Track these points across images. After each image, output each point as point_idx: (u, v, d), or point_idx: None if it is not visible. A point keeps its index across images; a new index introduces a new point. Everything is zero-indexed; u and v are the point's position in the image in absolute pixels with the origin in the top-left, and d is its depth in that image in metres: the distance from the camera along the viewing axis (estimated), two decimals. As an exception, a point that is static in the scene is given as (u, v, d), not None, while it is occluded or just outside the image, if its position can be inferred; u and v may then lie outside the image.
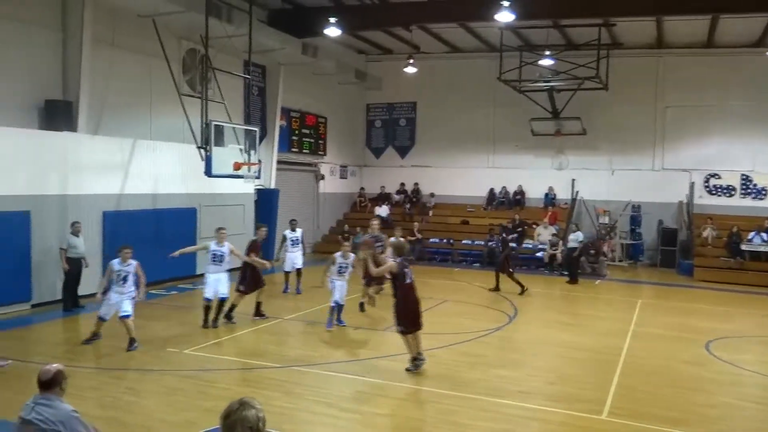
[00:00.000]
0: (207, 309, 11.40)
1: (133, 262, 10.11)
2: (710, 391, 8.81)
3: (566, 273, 18.87)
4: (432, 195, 25.23)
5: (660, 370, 9.61)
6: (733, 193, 22.05)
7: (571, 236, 18.63)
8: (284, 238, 15.23)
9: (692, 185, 22.12)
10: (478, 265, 21.39)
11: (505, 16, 15.64)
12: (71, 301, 12.65)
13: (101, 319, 10.06)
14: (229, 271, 11.83)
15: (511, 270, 16.24)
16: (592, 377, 9.20)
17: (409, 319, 9.12)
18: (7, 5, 12.80)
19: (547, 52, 20.88)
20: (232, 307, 11.71)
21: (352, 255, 11.75)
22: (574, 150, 23.54)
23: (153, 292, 14.35)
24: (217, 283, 11.40)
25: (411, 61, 21.62)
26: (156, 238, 14.77)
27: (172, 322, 11.81)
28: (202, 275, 15.88)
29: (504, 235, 17.21)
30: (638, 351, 10.72)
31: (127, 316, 9.96)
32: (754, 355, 10.85)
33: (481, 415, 7.56)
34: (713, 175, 22.20)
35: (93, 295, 13.35)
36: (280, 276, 15.67)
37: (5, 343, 9.94)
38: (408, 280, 9.17)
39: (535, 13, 17.56)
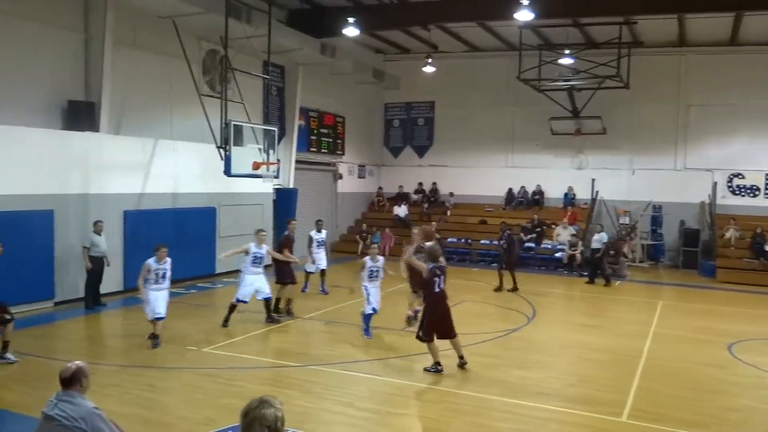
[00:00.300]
0: (233, 309, 11.42)
1: (169, 260, 10.37)
2: (732, 394, 8.67)
3: (585, 274, 18.67)
4: (451, 194, 25.16)
5: (681, 373, 9.49)
6: (757, 193, 21.69)
7: (596, 237, 18.39)
8: (311, 239, 15.21)
9: (715, 185, 21.80)
10: (496, 265, 21.24)
11: (524, 15, 15.54)
12: (93, 299, 12.83)
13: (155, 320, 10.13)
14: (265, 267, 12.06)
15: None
16: (612, 379, 9.11)
17: (432, 328, 9.04)
18: (31, 8, 13.03)
19: (567, 51, 20.72)
20: (289, 301, 12.12)
21: (381, 258, 11.40)
22: (594, 149, 23.32)
23: (172, 290, 14.40)
24: (257, 284, 11.50)
25: (429, 60, 21.57)
26: (176, 237, 14.85)
27: (191, 321, 11.91)
28: (220, 274, 16.21)
29: (509, 232, 17.02)
30: (659, 353, 10.59)
31: (161, 318, 10.11)
32: (778, 358, 10.67)
33: (499, 415, 7.53)
34: (737, 175, 21.86)
35: (114, 293, 13.63)
36: (300, 276, 15.68)
37: (29, 341, 10.11)
38: (437, 289, 9.07)
39: (555, 12, 17.42)
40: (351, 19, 17.46)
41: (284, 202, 20.06)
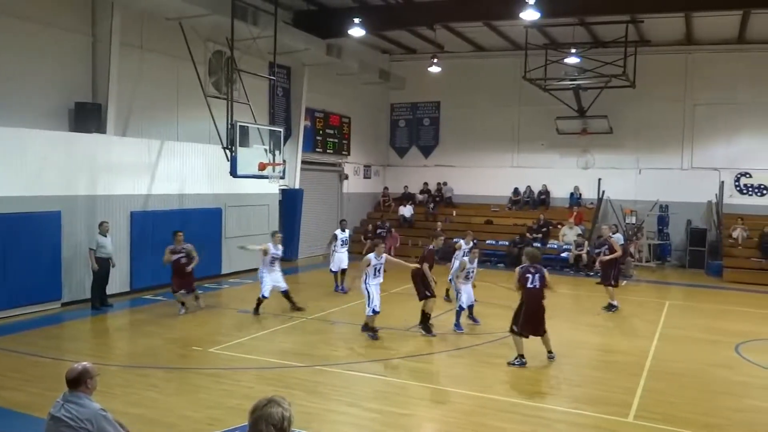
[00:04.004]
0: (261, 302, 12.45)
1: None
2: (740, 395, 8.63)
3: (592, 274, 18.58)
4: (445, 184, 25.41)
5: (688, 373, 9.45)
6: (764, 192, 21.56)
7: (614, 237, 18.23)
8: (335, 237, 15.44)
9: (722, 184, 21.68)
10: (502, 265, 21.25)
11: (530, 15, 15.51)
12: (100, 300, 12.89)
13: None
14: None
15: None
16: (618, 379, 9.07)
17: (528, 324, 9.52)
18: (38, 10, 13.11)
19: (573, 50, 20.66)
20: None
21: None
22: (600, 149, 23.25)
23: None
24: (275, 281, 12.61)
25: (435, 60, 21.56)
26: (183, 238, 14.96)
27: (197, 321, 11.97)
28: (226, 275, 16.31)
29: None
30: (666, 353, 10.55)
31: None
32: (786, 359, 10.60)
33: (505, 416, 7.52)
34: (744, 174, 21.74)
35: (121, 294, 13.69)
36: (310, 276, 15.73)
37: (36, 341, 10.18)
38: (530, 285, 9.51)
39: (561, 11, 17.36)
40: (357, 20, 17.48)
41: (290, 202, 20.12)
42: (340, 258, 15.28)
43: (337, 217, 23.53)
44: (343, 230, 15.58)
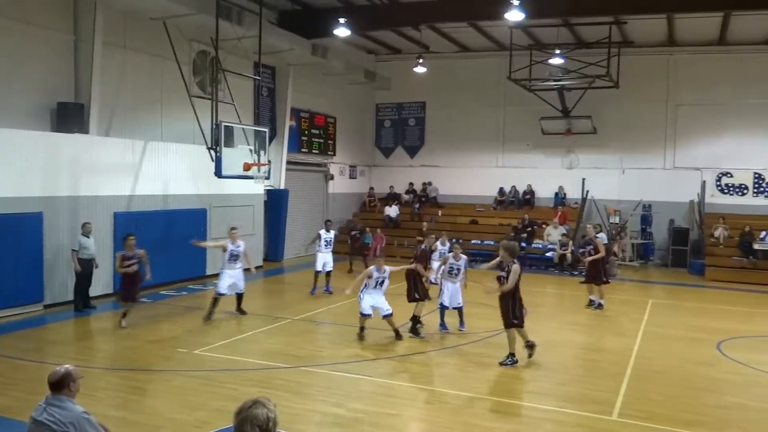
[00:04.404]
0: (216, 301, 12.02)
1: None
2: (722, 392, 8.74)
3: (577, 273, 18.71)
4: (430, 184, 25.46)
5: (671, 371, 9.56)
6: (745, 191, 21.85)
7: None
8: (318, 237, 15.36)
9: (704, 184, 21.94)
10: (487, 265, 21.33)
11: (515, 15, 15.59)
12: (82, 301, 12.77)
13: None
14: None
15: None
16: (602, 378, 9.15)
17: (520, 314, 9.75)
18: (20, 9, 12.95)
19: (558, 51, 20.78)
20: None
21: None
22: (584, 149, 23.43)
23: (163, 292, 14.49)
24: (234, 279, 12.18)
25: (420, 60, 21.59)
26: (166, 238, 14.87)
27: (182, 323, 11.90)
28: (211, 276, 16.17)
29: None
30: (649, 351, 10.66)
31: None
32: (766, 355, 10.75)
33: (491, 415, 7.56)
34: (725, 174, 22.02)
35: (104, 296, 13.56)
36: (296, 276, 15.69)
37: (18, 344, 10.06)
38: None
39: (546, 12, 17.46)
40: (342, 20, 17.45)
41: (275, 203, 20.06)
42: (324, 258, 15.21)
43: (322, 218, 23.51)
44: (328, 230, 15.54)
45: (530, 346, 9.75)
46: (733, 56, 21.32)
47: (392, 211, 24.45)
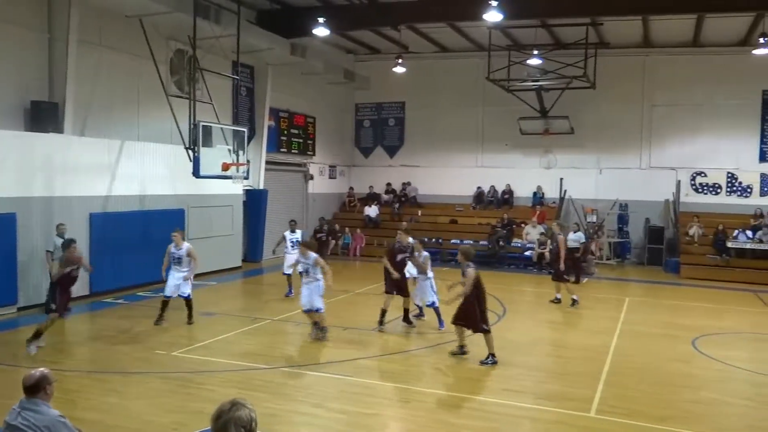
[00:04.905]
0: (165, 304, 11.67)
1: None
2: (696, 388, 8.89)
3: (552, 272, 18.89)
4: (409, 184, 25.55)
5: (647, 368, 9.69)
6: (719, 191, 22.24)
7: (572, 236, 18.60)
8: (283, 239, 15.11)
9: (679, 183, 22.28)
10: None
11: (493, 16, 15.68)
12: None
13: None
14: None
15: None
16: (580, 375, 9.25)
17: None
18: (-9, 6, 12.71)
19: (536, 52, 20.96)
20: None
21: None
22: (562, 149, 23.65)
23: (140, 294, 14.32)
24: (176, 281, 11.62)
25: (400, 60, 21.63)
26: (144, 239, 14.71)
27: (159, 325, 11.75)
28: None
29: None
30: (626, 349, 10.80)
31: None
32: (740, 351, 10.97)
33: (470, 413, 7.60)
34: (699, 173, 22.38)
35: (79, 298, 13.35)
36: (275, 277, 15.57)
37: (-9, 347, 9.86)
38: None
39: (524, 13, 17.60)
40: (321, 19, 17.41)
41: (254, 203, 19.95)
42: (292, 259, 14.55)
43: (302, 218, 23.46)
44: (293, 231, 15.07)
45: (462, 351, 9.81)
46: (707, 57, 21.68)
47: (372, 211, 24.46)
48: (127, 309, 12.93)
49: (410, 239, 12.26)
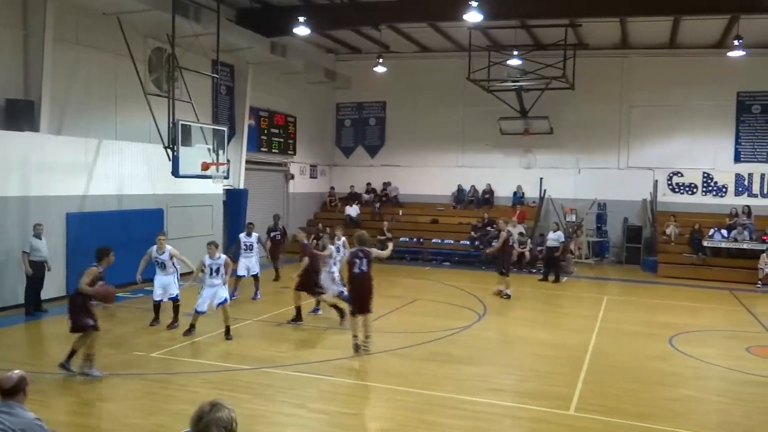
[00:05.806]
0: (155, 309, 11.79)
1: (223, 257, 11.24)
2: (674, 385, 9.02)
3: (535, 271, 19.06)
4: (389, 183, 25.60)
5: (625, 365, 9.82)
6: (695, 190, 22.58)
7: (552, 235, 18.79)
8: (238, 242, 14.74)
9: (656, 183, 22.59)
10: (448, 263, 21.57)
11: (473, 17, 15.75)
12: (34, 305, 12.37)
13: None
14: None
15: None
16: (560, 373, 9.33)
17: (356, 304, 10.07)
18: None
19: (515, 52, 21.08)
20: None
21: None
22: (541, 149, 23.83)
23: (120, 295, 14.10)
24: (163, 285, 11.68)
25: (380, 60, 21.62)
26: (122, 240, 14.49)
27: (139, 326, 11.65)
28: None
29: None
30: (604, 347, 10.92)
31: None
32: (716, 349, 11.14)
33: (451, 413, 7.62)
34: (676, 173, 22.70)
35: (56, 299, 13.16)
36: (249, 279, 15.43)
37: (-35, 349, 9.68)
38: (356, 270, 10.03)
39: (503, 14, 17.71)
40: (301, 19, 17.34)
41: (234, 203, 19.81)
42: (247, 263, 14.48)
43: (283, 218, 23.36)
44: (249, 234, 14.69)
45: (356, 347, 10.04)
46: (684, 59, 21.98)
47: (353, 210, 24.43)
48: (106, 310, 12.75)
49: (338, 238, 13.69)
